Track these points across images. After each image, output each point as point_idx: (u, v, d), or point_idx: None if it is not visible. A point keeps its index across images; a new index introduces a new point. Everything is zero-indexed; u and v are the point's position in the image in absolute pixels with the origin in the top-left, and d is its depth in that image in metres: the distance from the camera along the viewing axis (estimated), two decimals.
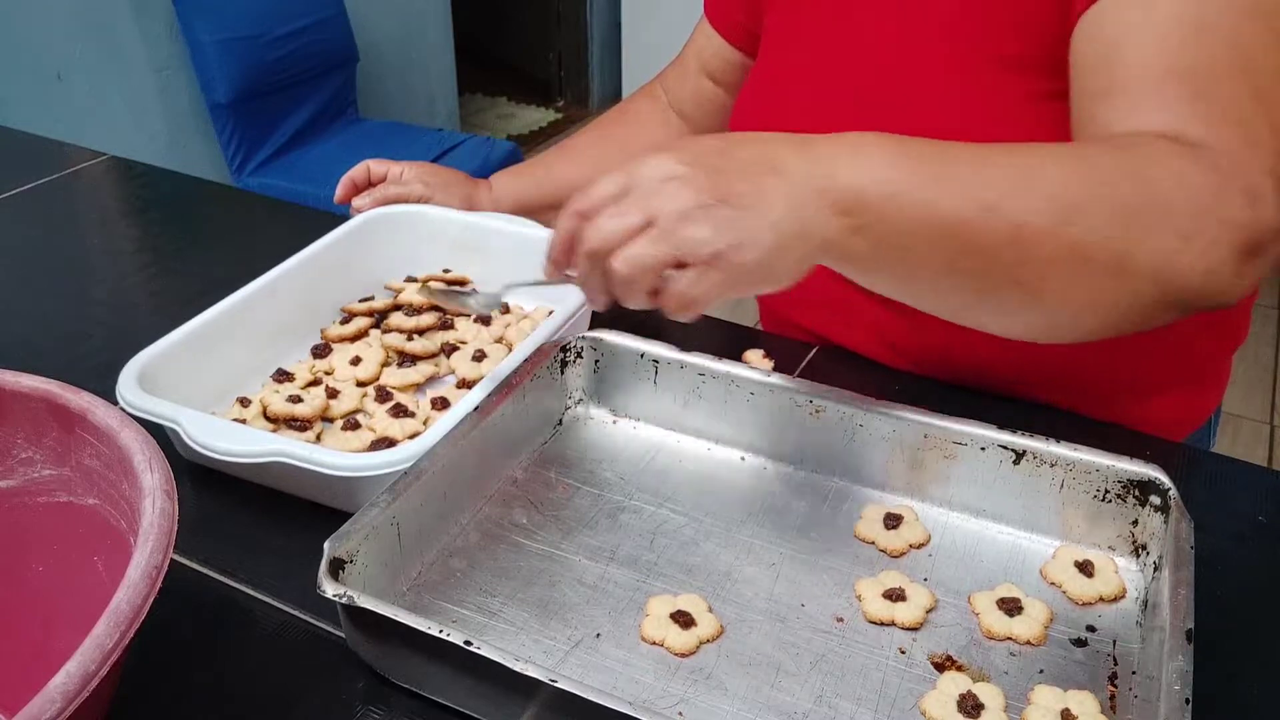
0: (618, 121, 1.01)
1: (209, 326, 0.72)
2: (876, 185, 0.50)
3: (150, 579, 0.41)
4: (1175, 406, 0.78)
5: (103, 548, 0.50)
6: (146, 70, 2.34)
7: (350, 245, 0.84)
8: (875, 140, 0.52)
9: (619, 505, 0.64)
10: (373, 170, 0.95)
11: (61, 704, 0.36)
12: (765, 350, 0.79)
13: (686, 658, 0.54)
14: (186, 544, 0.62)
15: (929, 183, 0.51)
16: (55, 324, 0.86)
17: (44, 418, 0.52)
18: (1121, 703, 0.52)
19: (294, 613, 0.58)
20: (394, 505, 0.56)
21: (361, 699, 0.53)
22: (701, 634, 0.54)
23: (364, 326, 0.81)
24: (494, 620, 0.56)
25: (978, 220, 0.50)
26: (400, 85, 3.10)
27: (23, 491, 0.53)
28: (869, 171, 0.51)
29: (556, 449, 0.69)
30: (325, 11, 2.47)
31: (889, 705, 0.51)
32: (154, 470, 0.46)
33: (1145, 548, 0.59)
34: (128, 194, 1.14)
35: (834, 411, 0.64)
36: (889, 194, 0.50)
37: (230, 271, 0.80)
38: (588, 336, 0.70)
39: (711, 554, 0.60)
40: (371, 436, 0.68)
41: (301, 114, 2.46)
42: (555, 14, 3.84)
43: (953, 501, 0.63)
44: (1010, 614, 0.55)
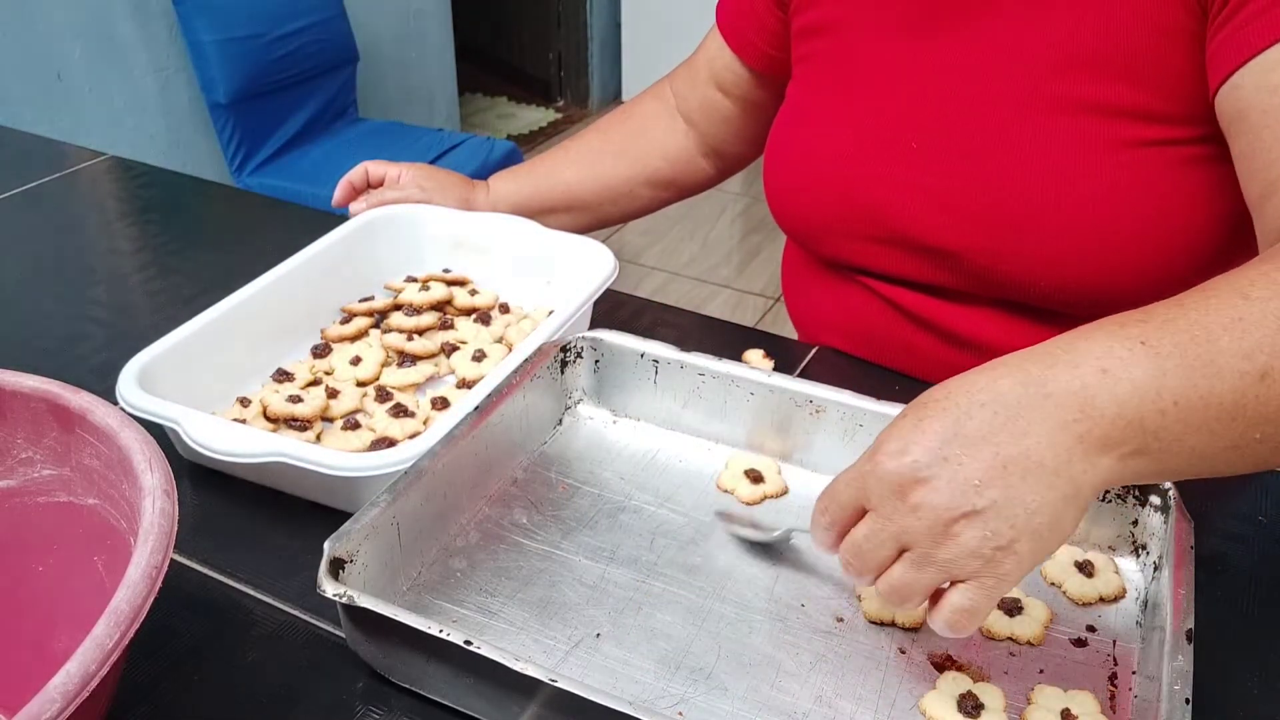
0: (622, 123, 1.00)
1: (209, 326, 0.72)
2: (1143, 401, 0.45)
3: (150, 579, 0.41)
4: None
5: (103, 548, 0.50)
6: (146, 70, 2.34)
7: (350, 245, 0.84)
8: (1125, 347, 0.45)
9: (619, 505, 0.64)
10: (371, 172, 0.95)
11: (61, 704, 0.36)
12: (765, 350, 0.79)
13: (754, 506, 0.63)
14: (186, 544, 0.62)
15: (1199, 375, 0.45)
16: (55, 324, 0.86)
17: (44, 418, 0.52)
18: (1121, 703, 0.52)
19: (294, 613, 0.58)
20: (394, 505, 0.56)
21: (361, 699, 0.53)
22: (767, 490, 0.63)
23: (364, 326, 0.81)
24: (494, 620, 0.56)
25: (1256, 391, 0.45)
26: (400, 85, 3.10)
27: (23, 491, 0.53)
28: (1129, 388, 0.45)
29: (556, 449, 0.69)
30: (325, 11, 2.47)
31: (889, 705, 0.51)
32: (154, 470, 0.46)
33: (1145, 548, 0.59)
34: (128, 194, 1.14)
35: (834, 411, 0.64)
36: (1161, 408, 0.45)
37: (230, 271, 0.81)
38: (588, 336, 0.70)
39: (711, 554, 0.60)
40: (371, 436, 0.68)
41: (301, 114, 2.46)
42: (555, 14, 3.84)
43: None
44: (1010, 614, 0.55)
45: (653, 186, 0.99)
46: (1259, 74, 0.58)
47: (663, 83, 1.00)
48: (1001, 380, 0.46)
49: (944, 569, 0.46)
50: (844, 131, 0.76)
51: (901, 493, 0.45)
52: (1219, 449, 0.47)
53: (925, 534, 0.45)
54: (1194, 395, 0.45)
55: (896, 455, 0.46)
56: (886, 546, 0.47)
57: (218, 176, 2.37)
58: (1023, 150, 0.68)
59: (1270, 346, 0.45)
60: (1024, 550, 0.45)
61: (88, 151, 1.22)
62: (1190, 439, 0.46)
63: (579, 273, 0.78)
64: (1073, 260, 0.68)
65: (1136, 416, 0.45)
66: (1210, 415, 0.45)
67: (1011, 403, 0.45)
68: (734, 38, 0.89)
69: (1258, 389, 0.45)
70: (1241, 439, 0.47)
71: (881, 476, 0.46)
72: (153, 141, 2.39)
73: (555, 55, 3.95)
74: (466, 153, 2.44)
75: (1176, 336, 0.46)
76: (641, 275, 2.81)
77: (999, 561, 0.45)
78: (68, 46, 2.17)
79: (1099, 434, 0.45)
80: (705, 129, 0.96)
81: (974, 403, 0.45)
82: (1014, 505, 0.44)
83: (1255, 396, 0.45)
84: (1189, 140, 0.65)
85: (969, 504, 0.44)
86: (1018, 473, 0.44)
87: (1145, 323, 0.47)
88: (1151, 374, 0.45)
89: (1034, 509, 0.44)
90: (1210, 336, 0.46)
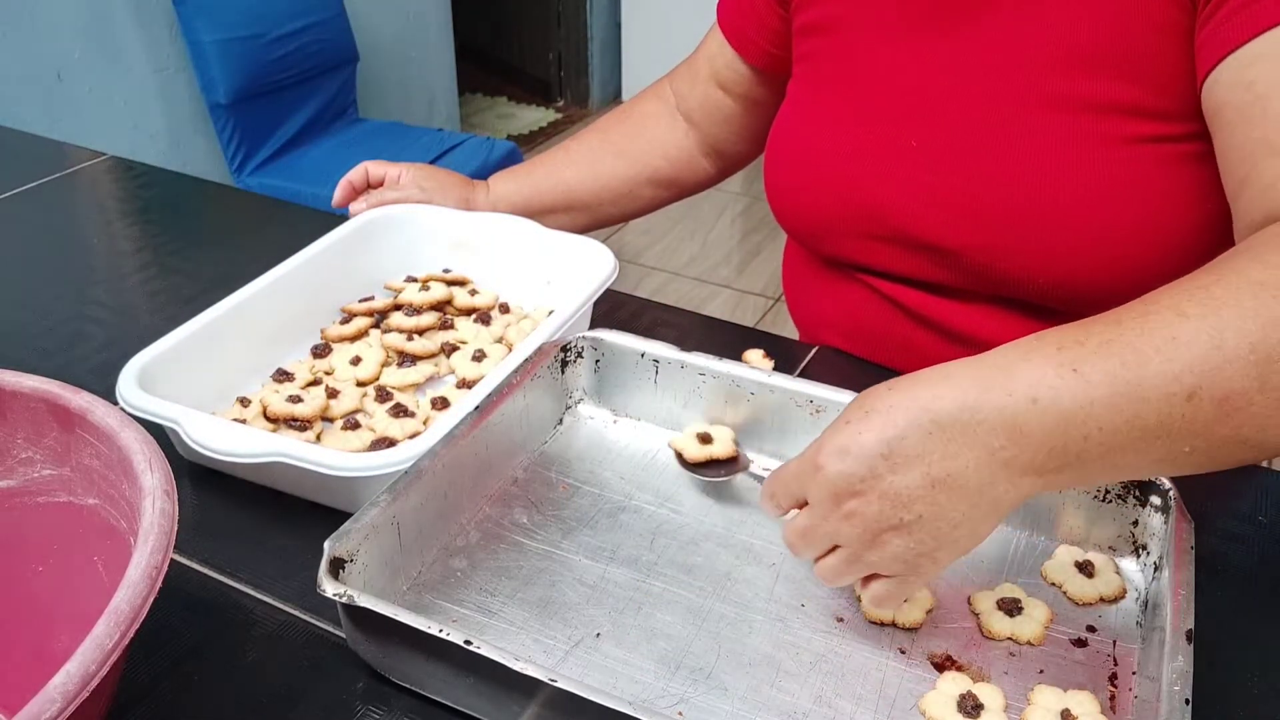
0: (621, 123, 0.99)
1: (209, 326, 0.71)
2: (1069, 428, 0.46)
3: (150, 579, 0.41)
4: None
5: (103, 548, 0.50)
6: (146, 70, 2.34)
7: (350, 245, 0.84)
8: (1046, 374, 0.47)
9: (619, 505, 0.64)
10: (371, 173, 0.95)
11: (61, 704, 0.36)
12: (765, 350, 0.79)
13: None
14: (186, 544, 0.62)
15: (1125, 401, 0.46)
16: (55, 324, 0.86)
17: (44, 418, 0.52)
18: (1121, 703, 0.52)
19: (294, 613, 0.58)
20: (394, 505, 0.56)
21: (361, 699, 0.53)
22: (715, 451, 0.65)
23: (364, 326, 0.81)
24: (494, 620, 0.56)
25: (1183, 412, 0.46)
26: (400, 85, 3.10)
27: (23, 491, 0.53)
28: (1056, 417, 0.46)
29: (556, 449, 0.69)
30: (325, 11, 2.47)
31: (889, 705, 0.51)
32: (154, 470, 0.46)
33: (1145, 548, 0.59)
34: (128, 194, 1.14)
35: (834, 411, 0.64)
36: (1085, 434, 0.46)
37: (230, 271, 0.81)
38: (588, 336, 0.70)
39: (711, 554, 0.60)
40: (371, 436, 0.68)
41: (301, 114, 2.46)
42: (555, 14, 3.84)
43: None
44: (1010, 614, 0.55)
45: (653, 186, 0.99)
46: (1235, 69, 0.58)
47: (662, 82, 0.99)
48: (941, 400, 0.47)
49: (871, 568, 0.51)
50: (844, 130, 0.76)
51: (837, 500, 0.49)
52: (1147, 462, 0.48)
53: (856, 539, 0.50)
54: (1119, 420, 0.46)
55: (836, 460, 0.49)
56: (822, 541, 0.51)
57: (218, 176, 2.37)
58: (1020, 148, 0.68)
59: (1199, 367, 0.46)
60: (943, 557, 0.49)
61: (88, 151, 1.22)
62: (1115, 458, 0.47)
63: (579, 273, 0.78)
64: (1070, 256, 0.68)
65: (1061, 444, 0.47)
66: (1135, 436, 0.47)
67: (946, 424, 0.47)
68: (735, 36, 0.89)
69: (1184, 409, 0.46)
70: (1169, 454, 0.48)
71: (820, 482, 0.49)
72: (153, 141, 2.39)
73: (555, 55, 3.95)
74: (466, 153, 2.44)
75: (1108, 363, 0.47)
76: (641, 275, 2.81)
77: (920, 565, 0.50)
78: (68, 46, 2.17)
79: (1024, 460, 0.47)
80: (706, 128, 0.96)
81: (912, 421, 0.47)
82: (938, 521, 0.48)
83: (1182, 416, 0.46)
84: (1185, 137, 0.65)
85: (897, 518, 0.48)
86: (944, 492, 0.47)
87: (1082, 345, 0.47)
88: (1080, 404, 0.46)
89: (956, 523, 0.48)
90: (1141, 360, 0.46)
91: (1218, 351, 0.46)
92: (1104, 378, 0.46)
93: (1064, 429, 0.46)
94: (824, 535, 0.51)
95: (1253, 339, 0.46)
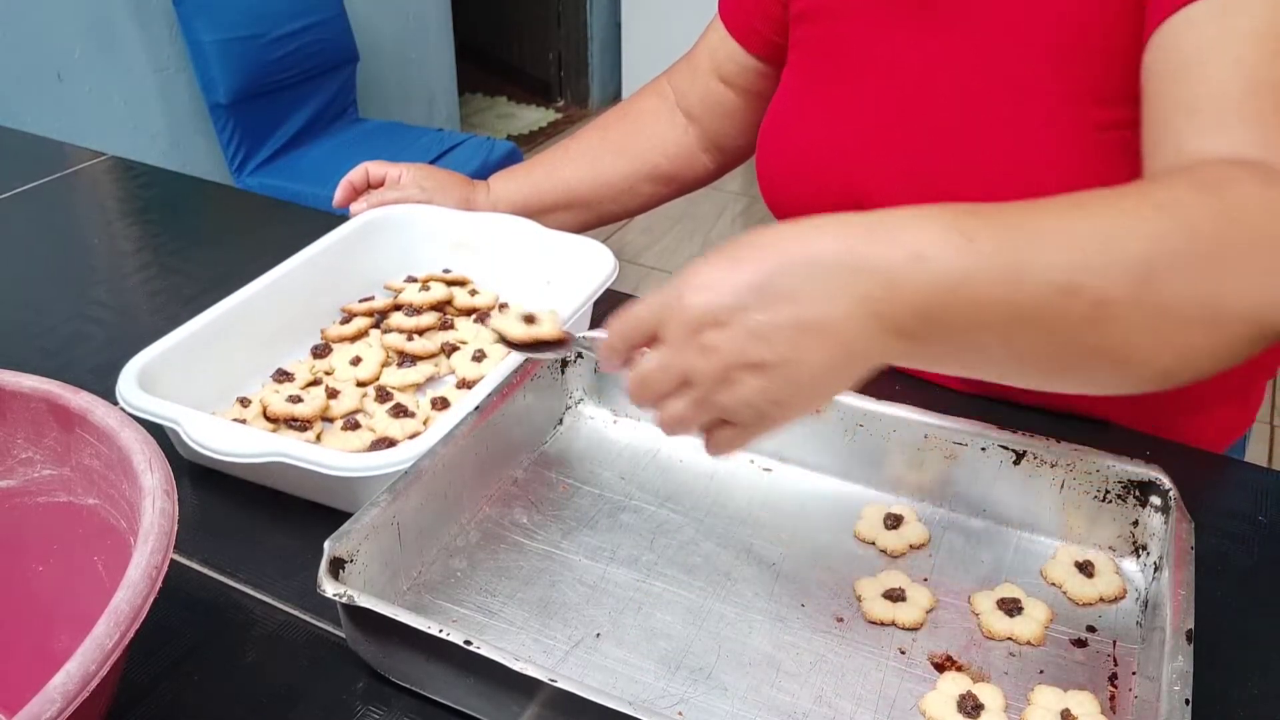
0: (621, 120, 0.99)
1: (209, 326, 0.72)
2: (944, 295, 0.45)
3: (150, 579, 0.41)
4: (1221, 421, 0.78)
5: (103, 548, 0.50)
6: (146, 70, 2.34)
7: (350, 245, 0.84)
8: (939, 234, 0.46)
9: (619, 505, 0.64)
10: (371, 173, 0.95)
11: (61, 704, 0.36)
12: None
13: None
14: (186, 544, 0.62)
15: (1008, 279, 0.45)
16: (55, 324, 0.86)
17: (44, 418, 0.52)
18: (1121, 703, 0.52)
19: (294, 613, 0.58)
20: (394, 505, 0.56)
21: (361, 699, 0.53)
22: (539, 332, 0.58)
23: (364, 326, 0.81)
24: (494, 620, 0.56)
25: (1057, 304, 0.46)
26: (400, 85, 3.10)
27: (23, 491, 0.53)
28: (934, 280, 0.45)
29: (556, 449, 0.69)
30: (325, 11, 2.47)
31: (889, 705, 0.51)
32: (154, 470, 0.46)
33: (1145, 548, 0.59)
34: (128, 194, 1.14)
35: (834, 411, 0.64)
36: (958, 305, 0.45)
37: (230, 271, 0.81)
38: (588, 337, 0.70)
39: (711, 554, 0.60)
40: (371, 436, 0.68)
41: (301, 114, 2.46)
42: (555, 14, 3.84)
43: (953, 501, 0.63)
44: (1010, 614, 0.55)
45: (653, 182, 0.99)
46: (1165, 36, 0.58)
47: (661, 80, 0.99)
48: (824, 242, 0.46)
49: (720, 413, 0.48)
50: (834, 119, 0.77)
51: (696, 331, 0.46)
52: (1010, 353, 0.47)
53: (709, 376, 0.47)
54: (995, 294, 0.45)
55: (701, 291, 0.46)
56: (672, 380, 0.48)
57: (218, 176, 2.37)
58: (1005, 136, 0.68)
59: (1084, 264, 0.45)
60: (794, 408, 0.47)
61: (88, 151, 1.22)
62: (981, 336, 0.46)
63: (579, 273, 0.78)
64: None
65: (934, 311, 0.45)
66: (1007, 317, 0.46)
67: (825, 267, 0.45)
68: (737, 27, 0.89)
69: (1060, 301, 0.45)
70: (1033, 347, 0.47)
71: (682, 310, 0.47)
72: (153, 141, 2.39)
73: (555, 55, 3.95)
74: (466, 153, 2.44)
75: (999, 238, 0.46)
76: (641, 275, 2.81)
77: (769, 414, 0.47)
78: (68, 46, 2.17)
79: (894, 317, 0.45)
80: (706, 122, 0.96)
81: (790, 259, 0.45)
82: (798, 367, 0.46)
83: (1055, 308, 0.45)
84: None
85: (758, 356, 0.45)
86: (812, 336, 0.45)
87: (978, 217, 0.47)
88: (960, 269, 0.45)
89: (815, 373, 0.46)
90: (1031, 243, 0.46)
91: (1105, 255, 0.46)
92: (992, 249, 0.45)
93: (939, 292, 0.45)
94: (676, 372, 0.48)
95: (1143, 250, 0.46)
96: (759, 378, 0.46)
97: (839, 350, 0.46)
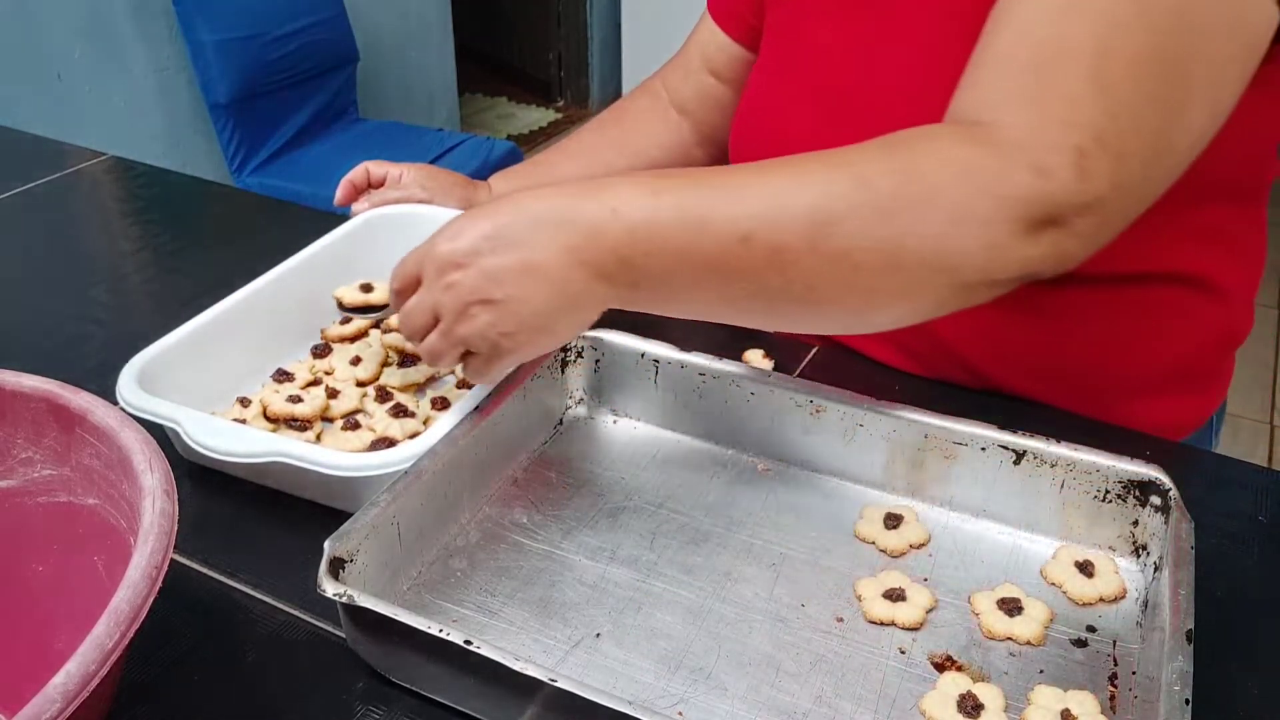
0: (617, 119, 1.00)
1: (209, 326, 0.71)
2: (635, 242, 0.53)
3: (150, 579, 0.41)
4: (1174, 409, 0.78)
5: (103, 548, 0.50)
6: (146, 70, 2.34)
7: (350, 245, 0.84)
8: (633, 193, 0.54)
9: (619, 505, 0.64)
10: (372, 172, 0.95)
11: (61, 704, 0.36)
12: (765, 350, 0.79)
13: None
14: (186, 544, 0.62)
15: (688, 228, 0.53)
16: (55, 324, 0.86)
17: (44, 418, 0.52)
18: (1121, 703, 0.52)
19: (294, 613, 0.58)
20: (394, 505, 0.56)
21: (361, 699, 0.53)
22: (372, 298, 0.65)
23: (364, 326, 0.81)
24: (494, 620, 0.56)
25: (737, 251, 0.52)
26: (400, 85, 3.10)
27: (23, 491, 0.53)
28: (626, 229, 0.53)
29: (556, 449, 0.69)
30: (325, 11, 2.47)
31: (889, 705, 0.51)
32: (154, 470, 0.46)
33: (1145, 548, 0.59)
34: (128, 194, 1.14)
35: (834, 411, 0.64)
36: (648, 250, 0.53)
37: (230, 271, 0.80)
38: (588, 336, 0.70)
39: (711, 554, 0.60)
40: (371, 436, 0.68)
41: (301, 114, 2.46)
42: (555, 14, 3.84)
43: (953, 501, 0.63)
44: (1010, 614, 0.55)
45: None
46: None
47: (653, 80, 1.01)
48: (545, 201, 0.55)
49: (460, 343, 0.57)
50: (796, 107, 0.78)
51: (442, 271, 0.56)
52: (710, 297, 0.55)
53: (450, 310, 0.56)
54: (680, 243, 0.53)
55: (449, 240, 0.56)
56: (425, 315, 0.58)
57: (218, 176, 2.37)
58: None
59: (759, 215, 0.52)
60: (521, 341, 0.56)
61: (88, 151, 1.22)
62: (677, 282, 0.54)
63: None
64: None
65: (628, 255, 0.53)
66: (695, 264, 0.53)
67: (545, 221, 0.54)
68: (725, 18, 0.91)
69: (739, 249, 0.52)
70: (728, 293, 0.54)
71: (434, 256, 0.56)
72: (153, 141, 2.39)
73: (555, 55, 3.95)
74: (466, 153, 2.44)
75: (684, 193, 0.53)
76: None
77: (500, 345, 0.56)
78: (68, 46, 2.17)
79: (596, 262, 0.54)
80: (700, 116, 0.97)
81: (520, 214, 0.55)
82: (522, 304, 0.54)
83: (737, 255, 0.52)
84: None
85: (488, 293, 0.55)
86: (532, 278, 0.54)
87: (671, 179, 0.54)
88: (648, 219, 0.53)
89: (536, 310, 0.55)
90: (712, 197, 0.53)
91: (778, 206, 0.52)
92: (675, 202, 0.53)
93: (631, 240, 0.53)
94: (428, 307, 0.57)
95: (812, 202, 0.52)
96: (490, 312, 0.55)
97: (555, 290, 0.54)
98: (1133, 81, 0.52)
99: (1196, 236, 0.70)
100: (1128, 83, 0.52)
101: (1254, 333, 0.80)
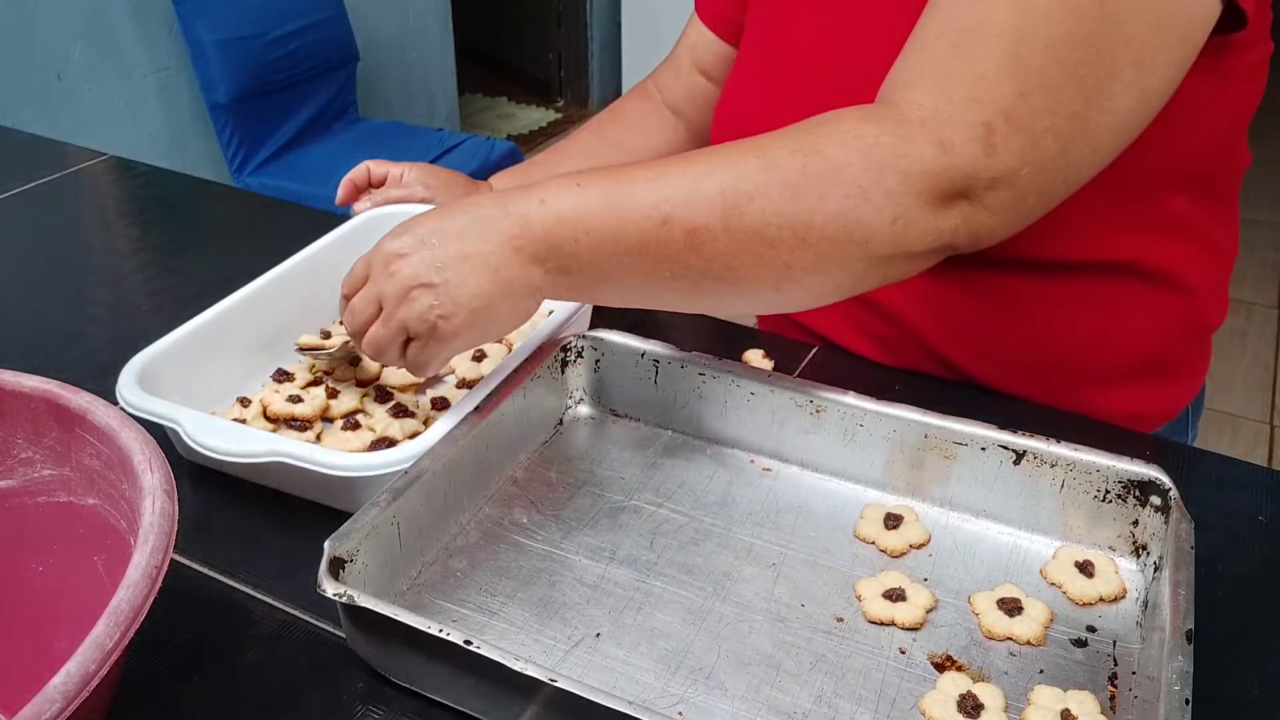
0: (614, 120, 1.01)
1: (209, 326, 0.71)
2: (563, 228, 0.57)
3: (150, 579, 0.41)
4: (1144, 398, 0.77)
5: (103, 548, 0.50)
6: (146, 70, 2.34)
7: (350, 245, 0.84)
8: (561, 187, 0.58)
9: (619, 505, 0.64)
10: (373, 171, 0.95)
11: (61, 704, 0.36)
12: (765, 350, 0.79)
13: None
14: (186, 544, 0.62)
15: (610, 214, 0.56)
16: (55, 324, 0.86)
17: (44, 418, 0.52)
18: (1121, 703, 0.52)
19: (294, 613, 0.58)
20: (394, 505, 0.56)
21: (361, 699, 0.53)
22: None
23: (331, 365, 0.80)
24: (494, 620, 0.56)
25: (658, 234, 0.56)
26: (400, 85, 3.10)
27: (23, 491, 0.53)
28: (555, 217, 0.57)
29: (556, 449, 0.69)
30: (325, 11, 2.47)
31: (889, 705, 0.51)
32: (154, 470, 0.46)
33: (1145, 548, 0.59)
34: (128, 194, 1.14)
35: (834, 411, 0.64)
36: (575, 236, 0.57)
37: (230, 271, 0.80)
38: (588, 336, 0.70)
39: (711, 554, 0.60)
40: (371, 436, 0.68)
41: (301, 114, 2.46)
42: (555, 14, 3.84)
43: (953, 501, 0.63)
44: (1010, 614, 0.55)
45: None
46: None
47: (646, 82, 1.02)
48: (485, 199, 0.59)
49: (401, 327, 0.59)
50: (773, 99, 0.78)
51: (386, 262, 0.59)
52: (637, 280, 0.58)
53: (393, 295, 0.59)
54: (605, 229, 0.56)
55: (394, 238, 0.60)
56: (370, 306, 0.61)
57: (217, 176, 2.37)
58: None
59: (675, 198, 0.55)
60: (459, 324, 0.58)
61: (88, 151, 1.22)
62: (605, 267, 0.57)
63: None
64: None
65: (557, 241, 0.57)
66: (620, 249, 0.57)
67: (483, 216, 0.58)
68: (711, 17, 0.92)
69: (659, 231, 0.56)
70: (654, 275, 0.57)
71: (380, 252, 0.60)
72: (153, 141, 2.39)
73: (555, 55, 3.95)
74: (466, 153, 2.44)
75: (606, 183, 0.57)
76: None
77: (440, 329, 0.59)
78: (67, 46, 2.17)
79: (530, 249, 0.57)
80: (692, 116, 0.98)
81: (461, 211, 0.59)
82: (460, 287, 0.58)
83: (657, 238, 0.56)
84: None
85: (428, 278, 0.58)
86: (469, 264, 0.57)
87: (601, 173, 0.58)
88: (573, 208, 0.57)
89: (474, 293, 0.58)
90: (632, 184, 0.57)
91: (693, 189, 0.56)
92: (598, 191, 0.57)
93: (559, 227, 0.57)
94: (372, 296, 0.60)
95: (723, 184, 0.55)
96: (429, 295, 0.58)
97: (491, 273, 0.57)
98: (1050, 63, 0.54)
99: (1160, 228, 0.70)
100: (1044, 64, 0.54)
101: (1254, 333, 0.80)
